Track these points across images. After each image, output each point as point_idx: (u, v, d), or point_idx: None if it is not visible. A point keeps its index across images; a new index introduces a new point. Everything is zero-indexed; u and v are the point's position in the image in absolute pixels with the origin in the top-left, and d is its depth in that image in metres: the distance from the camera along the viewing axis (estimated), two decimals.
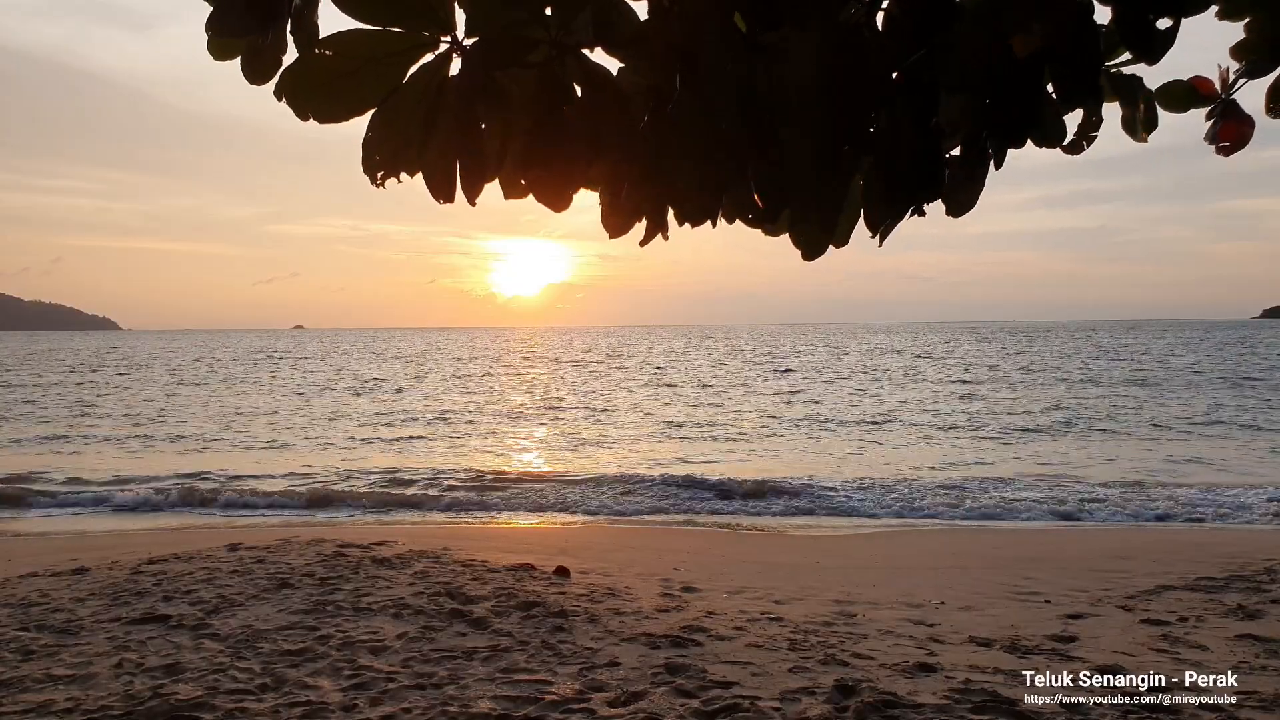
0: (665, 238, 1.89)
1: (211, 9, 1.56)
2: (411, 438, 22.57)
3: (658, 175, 1.80)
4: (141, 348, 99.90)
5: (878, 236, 1.78)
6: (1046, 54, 1.53)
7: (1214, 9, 1.71)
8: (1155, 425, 22.97)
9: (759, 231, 1.99)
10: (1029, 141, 1.71)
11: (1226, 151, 2.01)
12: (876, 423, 24.64)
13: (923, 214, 1.80)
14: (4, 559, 8.74)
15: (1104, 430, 22.33)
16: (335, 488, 15.32)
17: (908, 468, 17.26)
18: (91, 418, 27.43)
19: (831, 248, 1.89)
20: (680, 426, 24.47)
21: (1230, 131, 1.95)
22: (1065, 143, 1.85)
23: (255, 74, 1.64)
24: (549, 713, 4.30)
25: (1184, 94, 1.99)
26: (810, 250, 1.85)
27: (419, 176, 1.75)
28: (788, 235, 1.86)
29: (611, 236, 1.87)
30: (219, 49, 1.66)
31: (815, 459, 18.87)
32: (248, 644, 5.36)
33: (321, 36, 1.65)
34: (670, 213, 1.85)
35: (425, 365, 59.46)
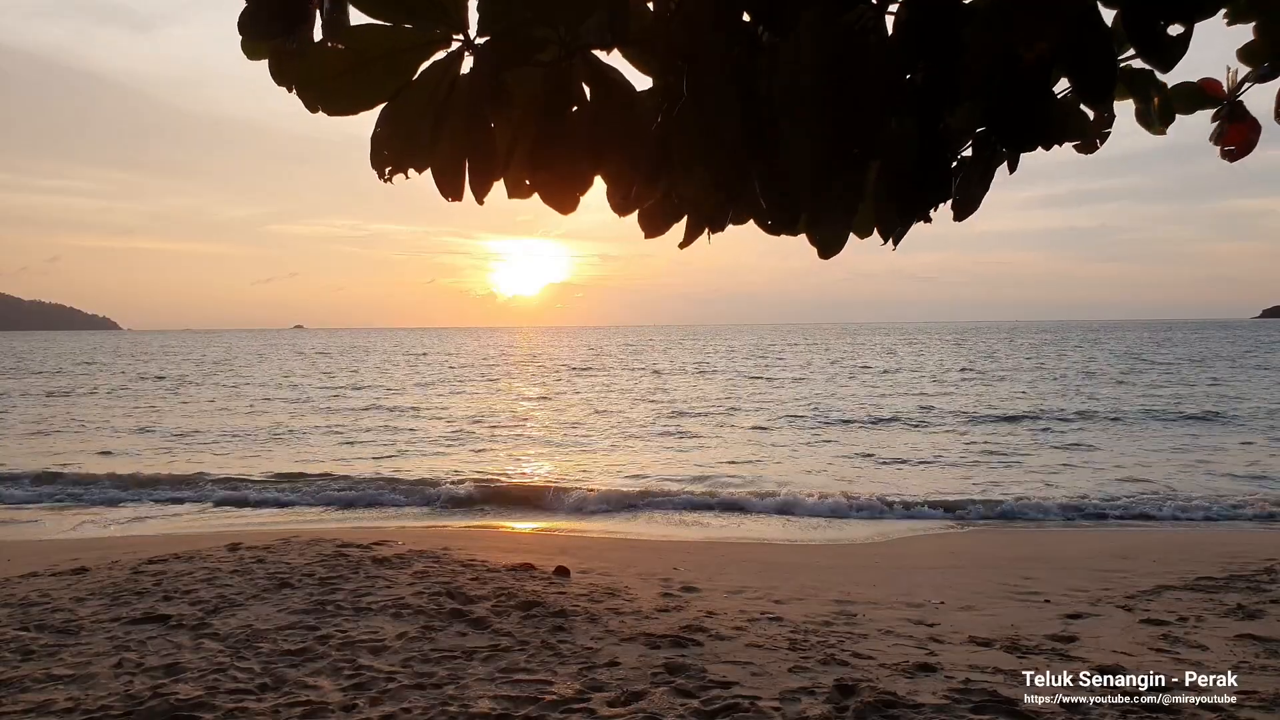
0: (709, 239, 1.88)
1: (242, 10, 1.56)
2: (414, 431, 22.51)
3: (663, 178, 1.79)
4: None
5: (890, 241, 1.78)
6: (1057, 56, 1.52)
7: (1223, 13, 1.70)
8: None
9: (759, 231, 1.98)
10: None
11: (1232, 157, 1.99)
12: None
13: (928, 220, 1.80)
14: (4, 559, 8.73)
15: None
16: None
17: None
18: None
19: (851, 239, 1.88)
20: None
21: (1236, 135, 1.94)
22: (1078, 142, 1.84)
23: (282, 76, 1.63)
24: (549, 713, 4.29)
25: (1191, 95, 1.97)
26: (826, 248, 1.84)
27: (424, 175, 1.74)
28: (804, 235, 1.85)
29: (648, 236, 1.86)
30: (252, 49, 1.65)
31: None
32: (248, 644, 5.35)
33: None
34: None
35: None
